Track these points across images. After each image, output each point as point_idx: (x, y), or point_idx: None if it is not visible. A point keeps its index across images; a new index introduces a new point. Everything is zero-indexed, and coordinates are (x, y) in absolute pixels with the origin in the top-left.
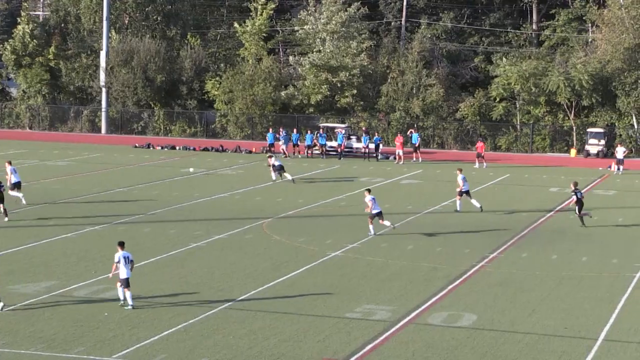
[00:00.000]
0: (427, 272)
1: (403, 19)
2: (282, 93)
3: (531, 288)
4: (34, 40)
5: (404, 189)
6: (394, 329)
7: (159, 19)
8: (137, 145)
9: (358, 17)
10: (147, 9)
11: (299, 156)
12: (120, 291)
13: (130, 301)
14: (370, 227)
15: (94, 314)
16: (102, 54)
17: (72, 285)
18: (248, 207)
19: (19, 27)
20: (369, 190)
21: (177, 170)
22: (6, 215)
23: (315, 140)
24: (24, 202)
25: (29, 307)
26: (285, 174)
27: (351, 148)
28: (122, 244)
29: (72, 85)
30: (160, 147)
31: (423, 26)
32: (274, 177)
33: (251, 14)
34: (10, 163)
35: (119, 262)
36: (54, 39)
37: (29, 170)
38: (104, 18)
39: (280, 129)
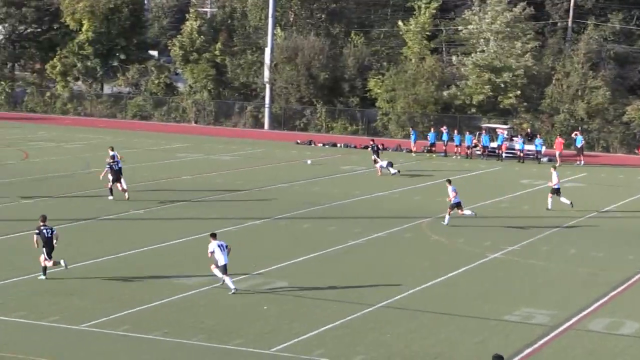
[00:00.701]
0: (587, 277)
1: (570, 20)
2: (444, 93)
3: None
4: (201, 37)
5: (567, 193)
6: (553, 334)
7: (323, 16)
8: (299, 141)
9: (523, 17)
10: (312, 7)
11: (459, 157)
12: (217, 272)
13: (232, 285)
14: (447, 216)
15: (253, 307)
16: (267, 50)
17: (233, 278)
18: (407, 206)
19: (187, 23)
20: (449, 181)
21: (337, 167)
22: (113, 195)
23: (475, 141)
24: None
25: (191, 298)
26: (390, 169)
27: (513, 149)
28: (214, 235)
29: (236, 81)
30: (321, 144)
31: (590, 27)
32: (383, 165)
33: (415, 12)
34: (112, 149)
35: (213, 252)
36: (221, 35)
37: (193, 164)
38: (270, 15)
39: (411, 128)
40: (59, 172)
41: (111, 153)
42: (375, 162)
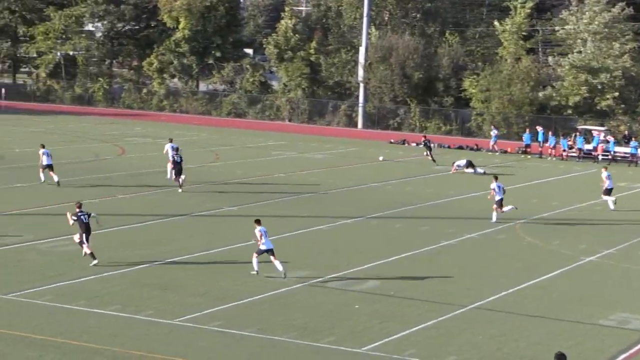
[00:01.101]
0: None
1: None
2: (540, 93)
3: None
4: (296, 35)
5: None
6: None
7: (418, 16)
8: (392, 141)
9: (622, 17)
10: (407, 6)
11: (553, 159)
12: (255, 262)
13: (280, 267)
14: (494, 214)
15: (345, 306)
16: (362, 49)
17: (325, 276)
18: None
19: (282, 22)
20: (496, 177)
21: (431, 167)
22: (180, 187)
23: (570, 142)
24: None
25: (283, 295)
26: (470, 169)
27: (609, 152)
28: (258, 221)
29: (331, 80)
30: (415, 144)
31: None
32: (460, 164)
33: (511, 12)
34: (171, 140)
35: (260, 237)
36: (315, 34)
37: (287, 162)
38: (365, 14)
39: (492, 126)
40: (154, 168)
41: (170, 145)
42: (427, 156)
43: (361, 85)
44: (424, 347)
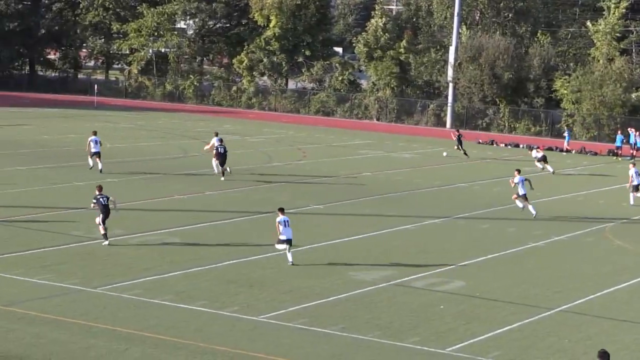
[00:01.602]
0: None
1: None
2: (633, 95)
3: None
4: (386, 34)
5: None
6: None
7: (510, 15)
8: (480, 141)
9: None
10: (499, 5)
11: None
12: (280, 247)
13: (290, 258)
14: (518, 202)
15: (430, 306)
16: (451, 49)
17: (410, 276)
18: (591, 210)
19: (373, 20)
20: (518, 171)
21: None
22: (223, 175)
23: None
24: (229, 170)
25: (368, 294)
26: (547, 166)
27: None
28: (282, 210)
29: (420, 79)
30: (503, 145)
31: None
32: (540, 166)
33: (604, 12)
34: (216, 134)
35: (279, 224)
36: (406, 33)
37: (374, 161)
38: (455, 14)
39: (566, 127)
40: (243, 165)
41: (216, 138)
42: (459, 149)
43: (450, 84)
44: (509, 350)
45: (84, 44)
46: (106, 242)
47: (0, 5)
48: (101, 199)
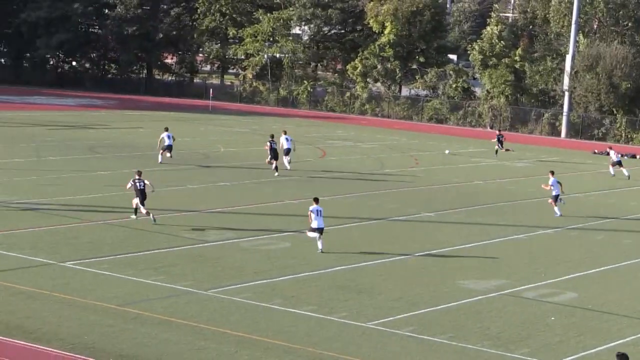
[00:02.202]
0: None
1: None
2: None
3: None
4: (501, 42)
5: None
6: None
7: (629, 24)
8: (596, 151)
9: None
10: (618, 14)
11: None
12: (310, 234)
13: (320, 246)
14: (555, 209)
15: (541, 317)
16: (568, 57)
17: (521, 286)
18: None
19: (488, 28)
20: (552, 173)
21: (637, 180)
22: (277, 171)
23: None
24: (288, 167)
25: (477, 304)
26: (623, 170)
27: None
28: (317, 200)
29: (535, 88)
30: (620, 155)
31: None
32: (612, 172)
33: None
34: (285, 132)
35: (311, 213)
36: (521, 41)
37: (487, 169)
38: (573, 22)
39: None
40: (355, 171)
41: (284, 136)
42: (501, 149)
43: (566, 93)
44: None
45: (201, 49)
46: (154, 220)
47: (120, 10)
48: (138, 184)
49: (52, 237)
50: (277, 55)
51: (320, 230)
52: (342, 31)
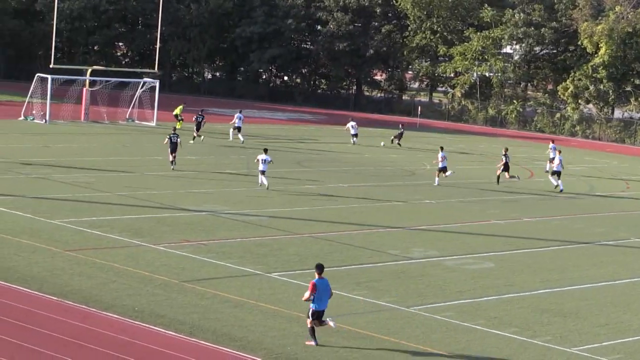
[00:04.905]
0: None
1: None
2: None
3: None
4: None
5: None
6: None
7: None
8: None
9: None
10: None
11: None
12: None
13: None
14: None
15: None
16: None
17: None
18: None
19: None
20: (442, 148)
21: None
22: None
23: None
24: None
25: None
26: None
27: None
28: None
29: None
30: None
31: None
32: None
33: None
34: (442, 149)
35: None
36: None
37: None
38: None
39: None
40: (565, 192)
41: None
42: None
43: None
44: None
45: (410, 66)
46: (173, 167)
47: (332, 27)
48: (172, 137)
49: (259, 248)
50: (487, 74)
51: None
52: (554, 51)
